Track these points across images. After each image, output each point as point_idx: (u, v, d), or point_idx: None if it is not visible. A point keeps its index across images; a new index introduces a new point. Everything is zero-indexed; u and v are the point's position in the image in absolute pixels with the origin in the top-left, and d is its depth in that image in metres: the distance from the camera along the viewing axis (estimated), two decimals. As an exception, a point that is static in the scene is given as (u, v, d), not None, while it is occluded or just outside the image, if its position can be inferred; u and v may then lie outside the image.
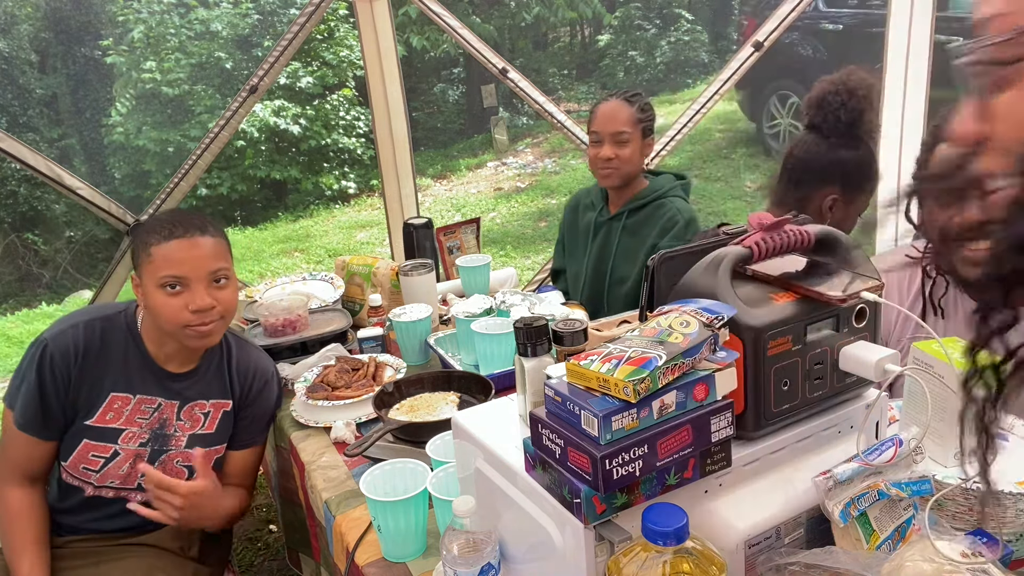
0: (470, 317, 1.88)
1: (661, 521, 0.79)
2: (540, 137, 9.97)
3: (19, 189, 8.41)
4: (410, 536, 1.24)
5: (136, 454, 1.61)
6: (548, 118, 3.27)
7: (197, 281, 1.54)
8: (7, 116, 8.77)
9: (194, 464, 1.54)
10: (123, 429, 1.61)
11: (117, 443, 1.61)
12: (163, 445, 1.63)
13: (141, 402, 1.62)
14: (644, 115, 2.21)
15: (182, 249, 1.53)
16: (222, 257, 1.59)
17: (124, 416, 1.61)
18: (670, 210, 2.19)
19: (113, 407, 1.60)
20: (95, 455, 1.60)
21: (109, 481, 1.62)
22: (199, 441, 1.65)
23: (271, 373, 1.76)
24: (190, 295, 1.53)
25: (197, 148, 3.16)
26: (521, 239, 6.71)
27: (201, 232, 1.56)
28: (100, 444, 1.60)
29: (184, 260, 1.53)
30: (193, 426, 1.65)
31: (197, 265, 1.54)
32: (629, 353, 0.84)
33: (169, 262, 1.52)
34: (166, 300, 1.53)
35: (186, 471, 1.65)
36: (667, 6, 11.20)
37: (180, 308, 1.53)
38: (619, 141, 2.17)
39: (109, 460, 1.61)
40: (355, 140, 9.46)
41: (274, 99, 8.86)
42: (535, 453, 0.90)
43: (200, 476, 1.52)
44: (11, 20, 9.15)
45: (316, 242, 7.50)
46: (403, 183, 3.49)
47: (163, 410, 1.63)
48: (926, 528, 0.87)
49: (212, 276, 1.56)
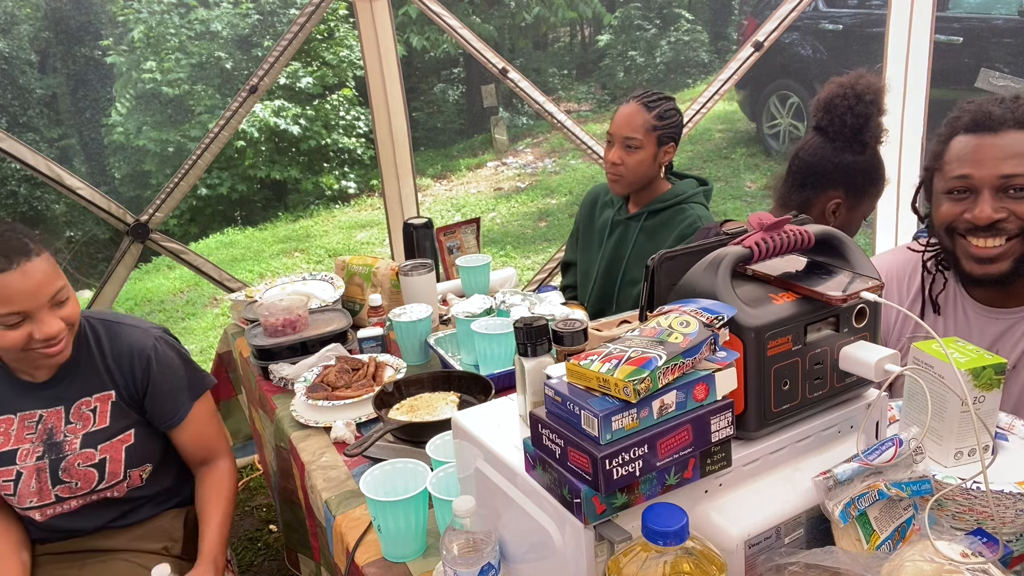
0: (470, 317, 1.88)
1: (661, 521, 0.79)
2: (540, 137, 9.97)
3: (19, 189, 8.41)
4: (410, 536, 1.24)
5: (37, 468, 1.60)
6: (548, 118, 3.27)
7: (39, 310, 1.46)
8: (7, 116, 8.77)
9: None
10: (16, 449, 1.60)
11: (16, 463, 1.60)
12: (58, 453, 1.61)
13: (23, 419, 1.61)
14: (662, 122, 2.12)
15: (14, 283, 1.42)
16: (54, 274, 1.49)
17: (12, 437, 1.61)
18: (689, 216, 2.14)
19: (0, 431, 1.60)
20: (4, 480, 1.60)
21: (28, 501, 1.62)
22: (95, 438, 1.63)
23: (150, 346, 1.66)
24: (34, 326, 1.46)
25: (197, 148, 3.16)
26: (521, 239, 6.71)
27: (26, 256, 1.44)
28: (3, 469, 1.60)
29: (17, 295, 1.42)
30: (84, 425, 1.63)
31: (35, 296, 1.44)
32: (629, 353, 0.84)
33: (5, 301, 1.41)
34: (10, 335, 1.45)
35: (94, 471, 1.63)
36: (667, 6, 11.20)
37: (23, 339, 1.47)
38: (629, 147, 2.12)
39: (16, 481, 1.60)
40: (355, 140, 9.46)
41: (274, 99, 8.86)
42: (535, 453, 0.90)
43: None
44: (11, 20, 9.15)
45: (316, 242, 7.49)
46: (403, 183, 3.49)
47: (46, 420, 1.62)
48: (926, 528, 0.87)
49: (53, 300, 1.48)
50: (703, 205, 2.21)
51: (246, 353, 2.18)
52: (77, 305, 1.58)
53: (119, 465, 1.65)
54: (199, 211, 8.97)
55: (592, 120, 10.07)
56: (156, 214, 3.11)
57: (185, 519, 1.77)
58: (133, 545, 1.69)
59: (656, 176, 2.21)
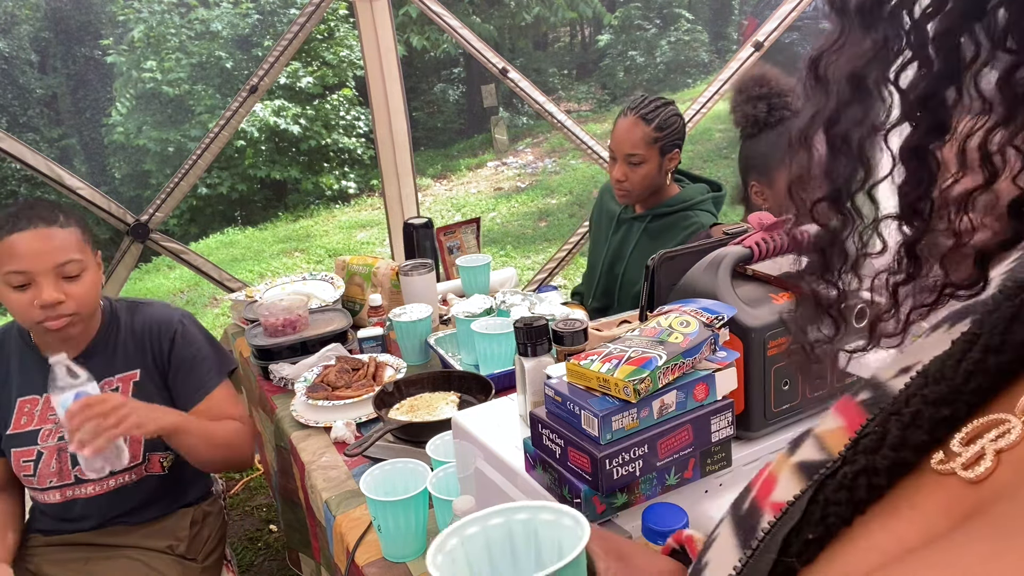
0: (470, 317, 1.88)
1: (661, 521, 0.79)
2: (540, 137, 9.98)
3: (19, 189, 8.42)
4: (410, 536, 1.24)
5: (58, 448, 1.62)
6: (548, 118, 3.27)
7: (42, 275, 1.48)
8: (7, 116, 8.78)
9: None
10: (38, 429, 1.62)
11: (37, 444, 1.62)
12: None
13: (49, 399, 1.61)
14: (663, 132, 2.07)
15: (25, 241, 1.47)
16: (73, 248, 1.52)
17: (36, 417, 1.62)
18: (694, 224, 2.10)
19: (24, 411, 1.62)
20: (25, 460, 1.62)
21: (48, 482, 1.63)
22: None
23: (176, 320, 1.69)
24: (36, 290, 1.49)
25: (197, 148, 3.16)
26: (521, 239, 6.71)
27: (47, 223, 1.49)
28: (25, 449, 1.61)
29: (26, 254, 1.47)
30: None
31: (41, 259, 1.47)
32: (629, 353, 0.84)
33: (12, 257, 1.46)
34: (14, 297, 1.49)
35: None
36: (667, 6, 11.21)
37: (27, 304, 1.49)
38: (631, 163, 2.08)
39: (37, 462, 1.62)
40: (355, 140, 9.47)
41: (274, 99, 8.87)
42: (535, 453, 0.90)
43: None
44: (11, 20, 9.15)
45: (316, 242, 7.50)
46: (403, 183, 3.49)
47: None
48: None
49: (60, 270, 1.50)
50: (710, 212, 2.17)
51: (246, 353, 2.18)
52: (93, 289, 1.58)
53: (139, 447, 1.65)
54: (199, 211, 8.98)
55: (592, 120, 10.08)
56: (156, 214, 3.11)
57: (191, 519, 1.77)
58: (138, 542, 1.69)
59: (664, 183, 2.18)
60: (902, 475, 0.34)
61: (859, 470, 0.35)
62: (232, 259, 7.17)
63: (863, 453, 0.35)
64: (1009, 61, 0.33)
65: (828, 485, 0.36)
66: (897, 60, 0.35)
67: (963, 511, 0.30)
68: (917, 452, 0.34)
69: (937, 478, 0.33)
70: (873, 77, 0.36)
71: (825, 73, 0.37)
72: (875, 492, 0.34)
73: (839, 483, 0.35)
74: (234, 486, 3.00)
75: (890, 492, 0.34)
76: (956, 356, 0.35)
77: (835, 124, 0.38)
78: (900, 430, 0.34)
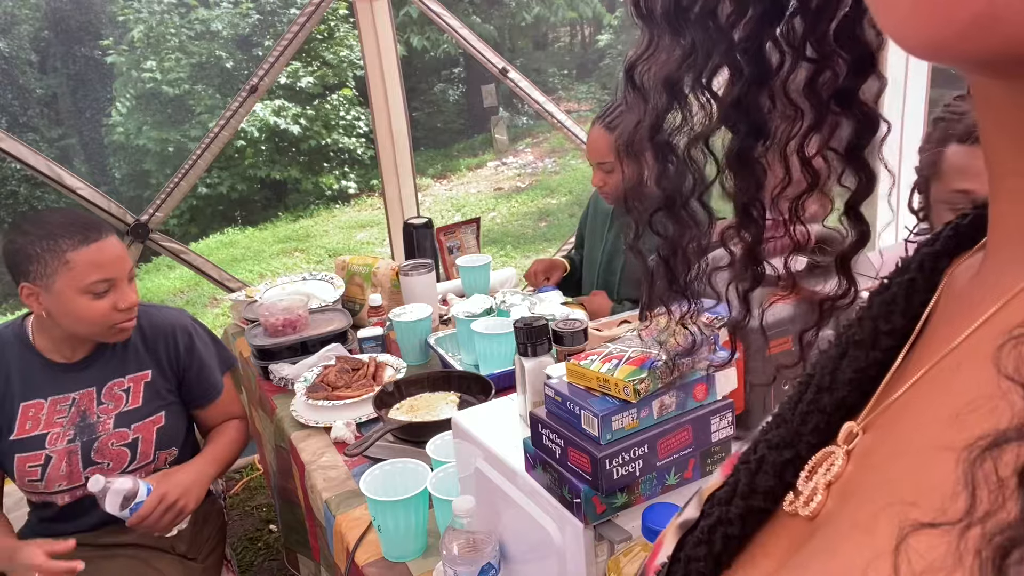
0: (470, 317, 1.88)
1: (661, 521, 0.79)
2: (540, 137, 9.98)
3: (19, 189, 8.42)
4: (410, 536, 1.24)
5: (68, 451, 1.63)
6: (548, 118, 3.27)
7: (122, 280, 1.58)
8: (7, 116, 8.78)
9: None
10: (45, 433, 1.62)
11: (45, 448, 1.62)
12: (90, 435, 1.64)
13: (55, 403, 1.64)
14: None
15: (103, 251, 1.55)
16: (127, 253, 1.64)
17: (42, 421, 1.63)
18: None
19: (28, 416, 1.62)
20: (31, 466, 1.62)
21: (56, 486, 1.63)
22: (129, 418, 1.66)
23: (190, 323, 1.78)
24: (117, 295, 1.56)
25: (197, 148, 3.16)
26: (521, 239, 6.71)
27: (107, 232, 1.59)
28: (31, 454, 1.62)
29: (107, 262, 1.55)
30: (116, 405, 1.67)
31: (120, 265, 1.58)
32: (629, 353, 0.84)
33: (96, 267, 1.53)
34: (92, 304, 1.54)
35: (127, 451, 1.66)
36: (667, 6, 11.21)
37: (108, 310, 1.56)
38: (605, 170, 2.10)
39: (45, 466, 1.62)
40: (355, 140, 9.47)
41: (274, 99, 8.87)
42: (535, 453, 0.90)
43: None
44: (11, 20, 9.15)
45: (316, 242, 7.50)
46: (403, 183, 3.49)
47: (79, 402, 1.65)
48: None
49: (130, 274, 1.61)
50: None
51: (246, 353, 2.18)
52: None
53: (150, 446, 1.68)
54: (199, 211, 8.98)
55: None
56: (156, 214, 3.11)
57: (192, 519, 1.77)
58: (139, 541, 1.69)
59: None
60: (760, 523, 0.33)
61: (713, 523, 0.34)
62: (232, 259, 7.17)
63: (718, 505, 0.34)
64: (810, 69, 0.33)
65: (688, 541, 0.35)
66: (708, 65, 0.35)
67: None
68: (767, 498, 0.33)
69: (786, 520, 0.32)
70: (688, 83, 0.35)
71: (642, 81, 0.37)
72: (732, 543, 0.33)
73: (697, 538, 0.34)
74: (234, 486, 3.00)
75: (750, 542, 0.33)
76: (795, 399, 0.35)
77: (657, 132, 0.37)
78: (749, 477, 0.33)
